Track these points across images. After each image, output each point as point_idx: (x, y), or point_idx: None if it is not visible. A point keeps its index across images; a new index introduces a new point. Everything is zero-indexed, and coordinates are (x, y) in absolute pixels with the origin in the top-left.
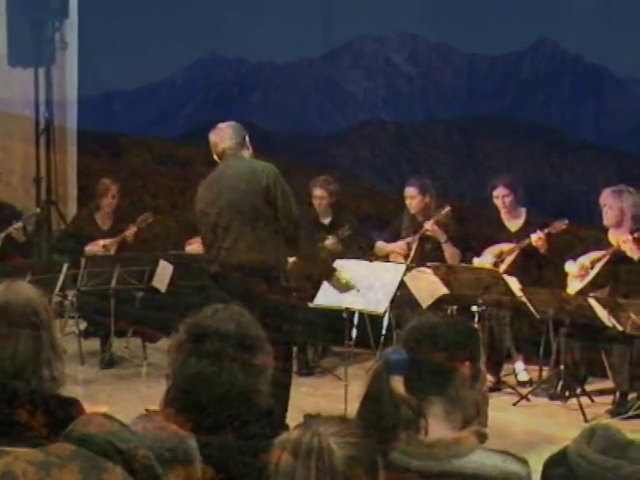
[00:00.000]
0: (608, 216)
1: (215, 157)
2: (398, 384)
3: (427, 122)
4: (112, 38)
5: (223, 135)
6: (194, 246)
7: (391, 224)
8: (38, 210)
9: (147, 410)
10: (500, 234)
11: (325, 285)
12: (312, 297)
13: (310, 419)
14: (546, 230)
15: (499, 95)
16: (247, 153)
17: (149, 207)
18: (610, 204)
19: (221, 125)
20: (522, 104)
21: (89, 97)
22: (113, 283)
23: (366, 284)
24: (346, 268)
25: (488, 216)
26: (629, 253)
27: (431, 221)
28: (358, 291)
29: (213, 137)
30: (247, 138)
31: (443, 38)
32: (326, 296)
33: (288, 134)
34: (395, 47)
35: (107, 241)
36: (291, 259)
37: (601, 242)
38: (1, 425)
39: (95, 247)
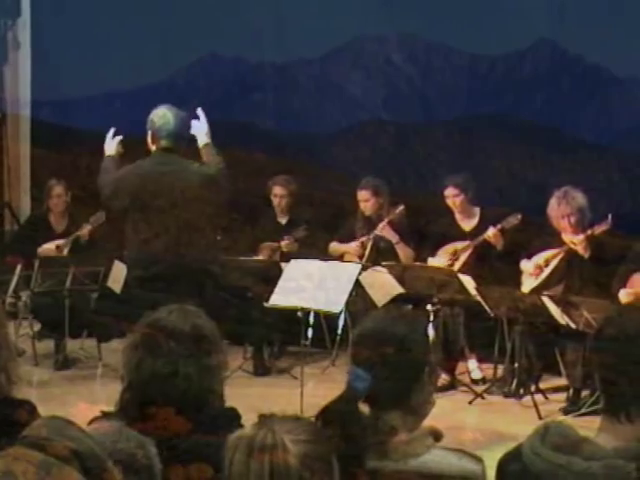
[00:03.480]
0: (572, 222)
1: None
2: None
3: (427, 122)
4: (103, 38)
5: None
6: None
7: (345, 224)
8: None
9: (102, 412)
10: None
11: (280, 285)
12: (267, 297)
13: (265, 418)
14: (499, 225)
15: (499, 95)
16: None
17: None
18: (570, 210)
19: (163, 110)
20: (522, 104)
21: (90, 97)
22: (67, 284)
23: (321, 284)
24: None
25: None
26: (581, 252)
27: (383, 223)
28: None
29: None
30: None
31: (443, 38)
32: (281, 296)
33: (288, 134)
34: (395, 47)
35: (60, 242)
36: None
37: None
38: None
39: (48, 248)
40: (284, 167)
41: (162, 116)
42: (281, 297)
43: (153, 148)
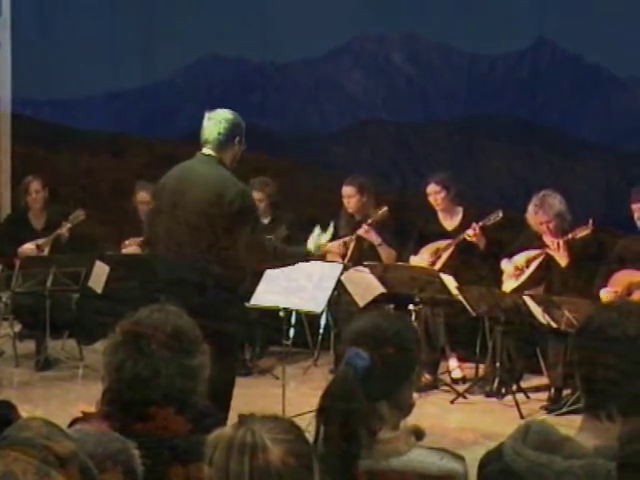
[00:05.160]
0: (551, 228)
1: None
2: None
3: (427, 122)
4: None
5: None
6: (132, 247)
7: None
8: None
9: (83, 412)
10: None
11: (262, 285)
12: (249, 297)
13: (245, 418)
14: (480, 223)
15: (499, 95)
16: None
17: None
18: (547, 218)
19: (212, 113)
20: (522, 104)
21: (90, 97)
22: (48, 284)
23: (303, 284)
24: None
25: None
26: (558, 259)
27: (365, 225)
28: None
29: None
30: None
31: (443, 38)
32: (263, 296)
33: (288, 134)
34: (395, 47)
35: (41, 241)
36: None
37: None
38: None
39: (29, 248)
40: (284, 167)
41: (208, 119)
42: (263, 297)
43: None
